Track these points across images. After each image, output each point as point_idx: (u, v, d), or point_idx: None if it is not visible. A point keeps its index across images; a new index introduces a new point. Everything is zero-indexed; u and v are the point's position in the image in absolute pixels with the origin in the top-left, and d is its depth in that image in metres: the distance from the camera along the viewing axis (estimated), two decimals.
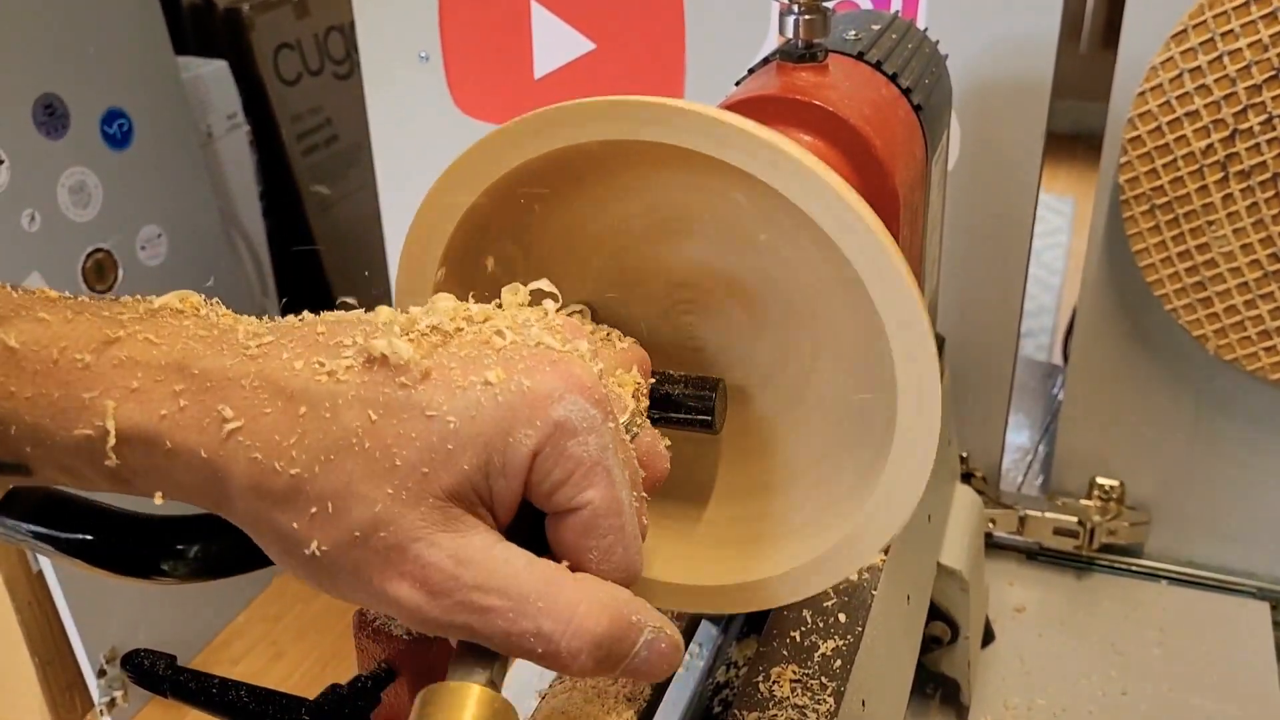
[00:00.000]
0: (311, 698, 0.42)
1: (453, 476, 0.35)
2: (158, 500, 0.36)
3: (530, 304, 0.43)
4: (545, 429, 0.35)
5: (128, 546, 0.42)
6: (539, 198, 0.50)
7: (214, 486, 0.35)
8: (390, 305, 0.44)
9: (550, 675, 0.63)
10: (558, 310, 0.43)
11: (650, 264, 0.52)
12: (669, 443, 0.47)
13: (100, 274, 1.54)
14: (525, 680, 0.75)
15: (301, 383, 0.35)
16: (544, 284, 0.44)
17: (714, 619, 0.65)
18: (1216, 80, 0.79)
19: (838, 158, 0.55)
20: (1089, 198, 0.94)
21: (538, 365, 0.36)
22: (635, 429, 0.44)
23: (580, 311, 0.48)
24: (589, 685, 0.57)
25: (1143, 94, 0.82)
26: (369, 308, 0.46)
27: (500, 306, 0.43)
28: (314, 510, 0.34)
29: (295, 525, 0.35)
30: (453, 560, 0.34)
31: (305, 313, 0.40)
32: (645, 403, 0.45)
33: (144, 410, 0.35)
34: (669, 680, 0.61)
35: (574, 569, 0.37)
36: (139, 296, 0.39)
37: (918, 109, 0.62)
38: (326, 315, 0.40)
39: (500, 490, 0.36)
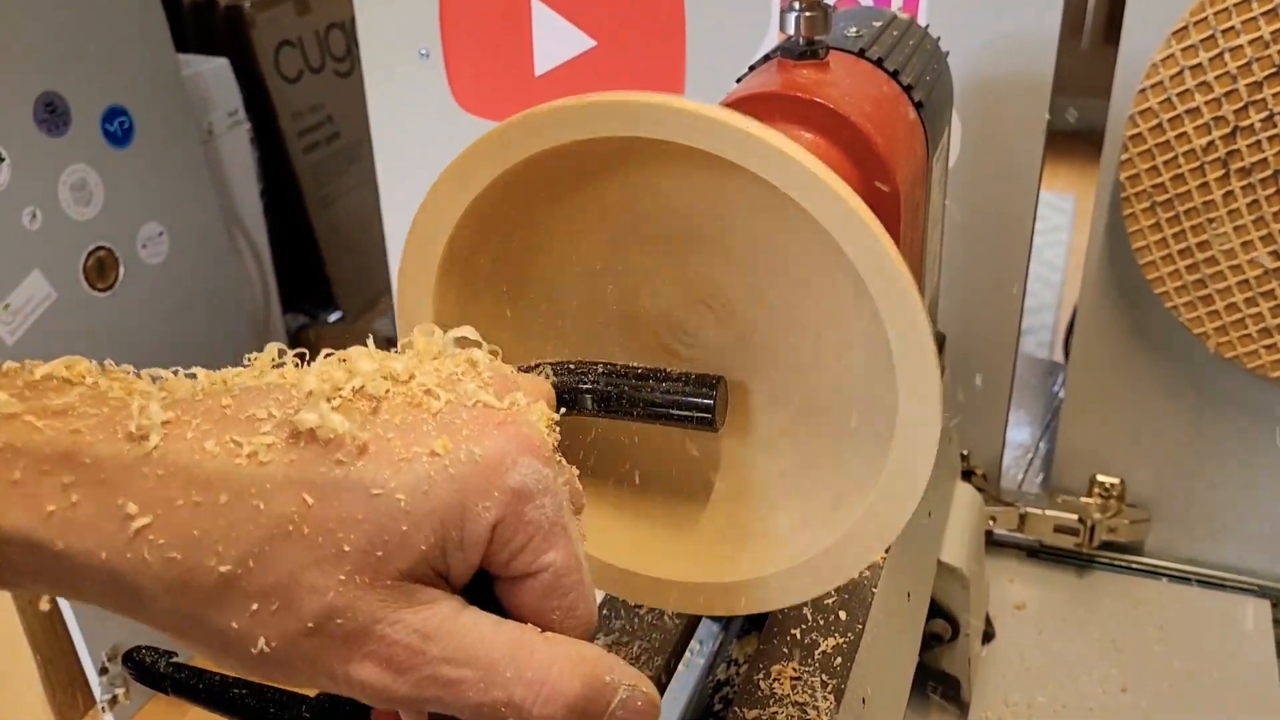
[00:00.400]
0: (311, 695, 0.42)
1: (409, 558, 0.33)
2: (44, 606, 0.34)
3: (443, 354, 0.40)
4: (504, 499, 0.34)
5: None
6: (535, 197, 0.50)
7: (120, 590, 0.32)
8: (391, 305, 0.44)
9: None
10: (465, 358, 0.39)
11: (648, 262, 0.52)
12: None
13: (101, 272, 1.54)
14: None
15: (218, 467, 0.31)
16: (468, 331, 0.41)
17: (714, 617, 0.66)
18: (1217, 77, 0.79)
19: (839, 155, 0.55)
20: (1090, 195, 0.94)
21: (483, 429, 0.34)
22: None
23: (494, 352, 0.42)
24: None
25: (1144, 91, 0.82)
26: (369, 307, 0.46)
27: (412, 346, 0.39)
28: (255, 607, 0.32)
29: (234, 624, 0.32)
30: (418, 636, 0.33)
31: (199, 372, 0.35)
32: (557, 437, 0.42)
33: (27, 508, 0.30)
34: (670, 677, 0.61)
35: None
36: (20, 363, 0.35)
37: (919, 106, 0.62)
38: (230, 379, 0.35)
39: (457, 563, 0.34)
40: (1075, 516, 0.99)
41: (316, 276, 2.09)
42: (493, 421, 0.35)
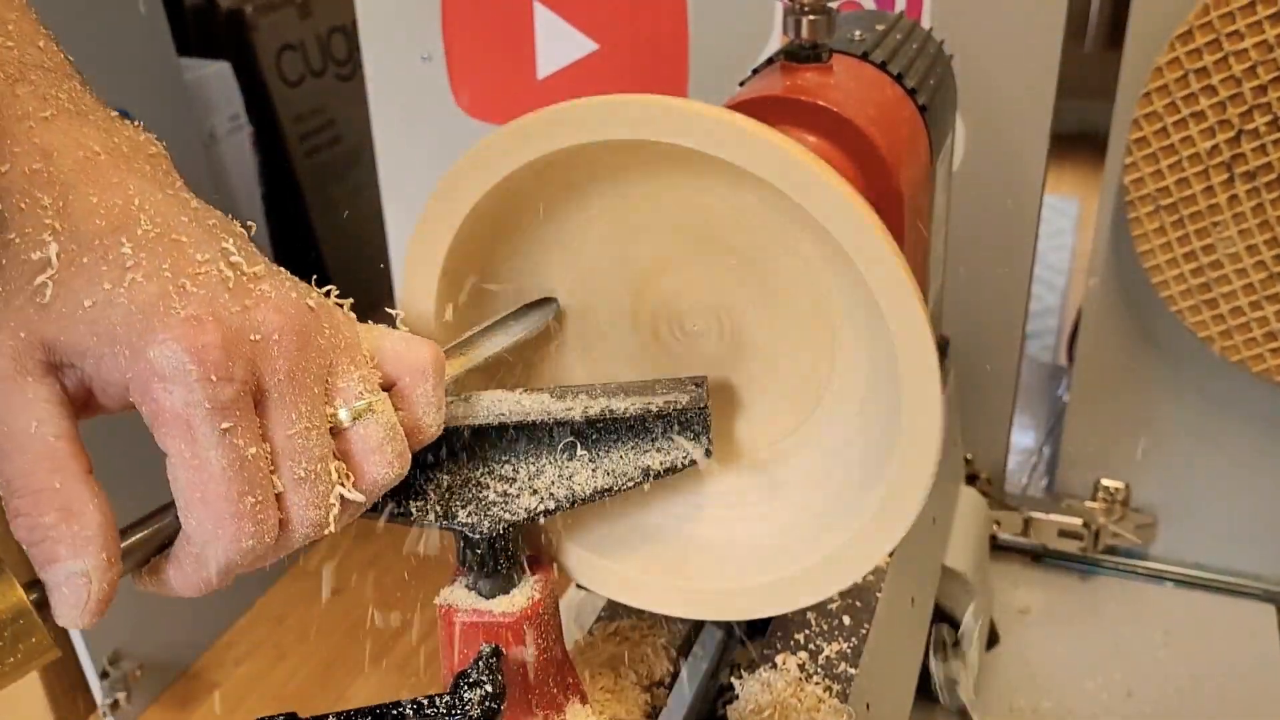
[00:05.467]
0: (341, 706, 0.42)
1: (58, 348, 0.37)
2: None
3: None
4: (137, 362, 0.37)
5: None
6: (537, 199, 0.50)
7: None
8: (394, 305, 0.44)
9: (594, 613, 0.65)
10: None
11: (650, 263, 0.52)
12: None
13: None
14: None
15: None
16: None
17: (718, 620, 0.65)
18: (1222, 81, 0.79)
19: (842, 158, 0.55)
20: (1094, 199, 0.93)
21: (175, 309, 0.37)
22: (354, 420, 0.42)
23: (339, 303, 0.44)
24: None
25: (1148, 95, 0.82)
26: (372, 310, 0.46)
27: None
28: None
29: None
30: None
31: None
32: (379, 401, 0.43)
33: None
34: (678, 673, 0.61)
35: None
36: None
37: (922, 109, 0.62)
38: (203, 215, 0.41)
39: (100, 388, 0.38)
40: (1080, 521, 0.99)
41: (318, 280, 2.09)
42: (186, 310, 0.37)
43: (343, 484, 0.41)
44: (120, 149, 0.41)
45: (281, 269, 0.42)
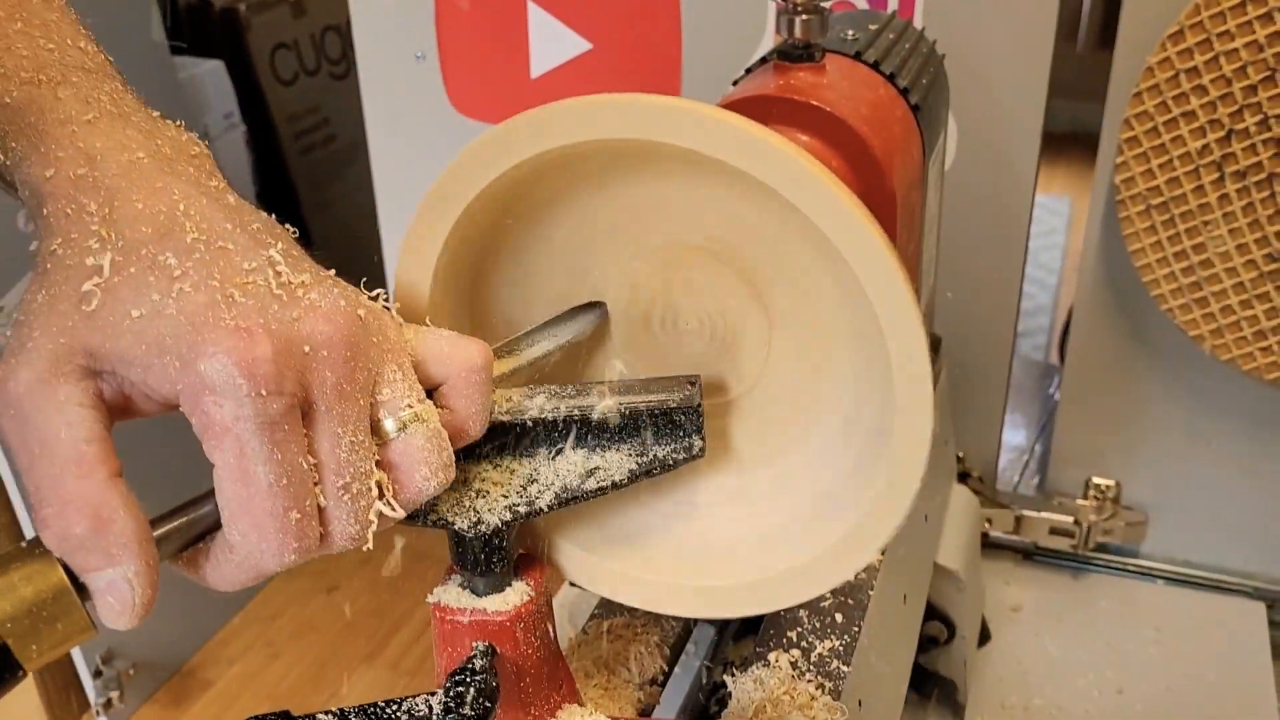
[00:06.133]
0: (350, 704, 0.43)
1: (104, 356, 0.37)
2: None
3: None
4: (187, 374, 0.36)
5: None
6: (534, 198, 0.50)
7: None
8: (390, 305, 0.44)
9: (587, 611, 0.66)
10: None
11: (645, 264, 0.52)
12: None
13: None
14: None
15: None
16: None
17: (710, 620, 0.65)
18: (1212, 81, 0.79)
19: (835, 157, 0.55)
20: (1085, 198, 0.94)
21: (224, 319, 0.37)
22: (400, 430, 0.42)
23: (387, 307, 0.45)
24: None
25: (1139, 94, 0.82)
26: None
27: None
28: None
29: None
30: (24, 386, 0.36)
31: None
32: (426, 410, 0.42)
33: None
34: (671, 670, 0.61)
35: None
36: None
37: (915, 109, 0.62)
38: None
39: (139, 393, 0.38)
40: (1071, 519, 0.99)
41: None
42: (236, 320, 0.37)
43: (383, 499, 0.41)
44: (163, 151, 0.40)
45: (328, 274, 0.41)
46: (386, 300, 0.44)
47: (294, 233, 0.42)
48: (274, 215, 0.42)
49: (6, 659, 0.36)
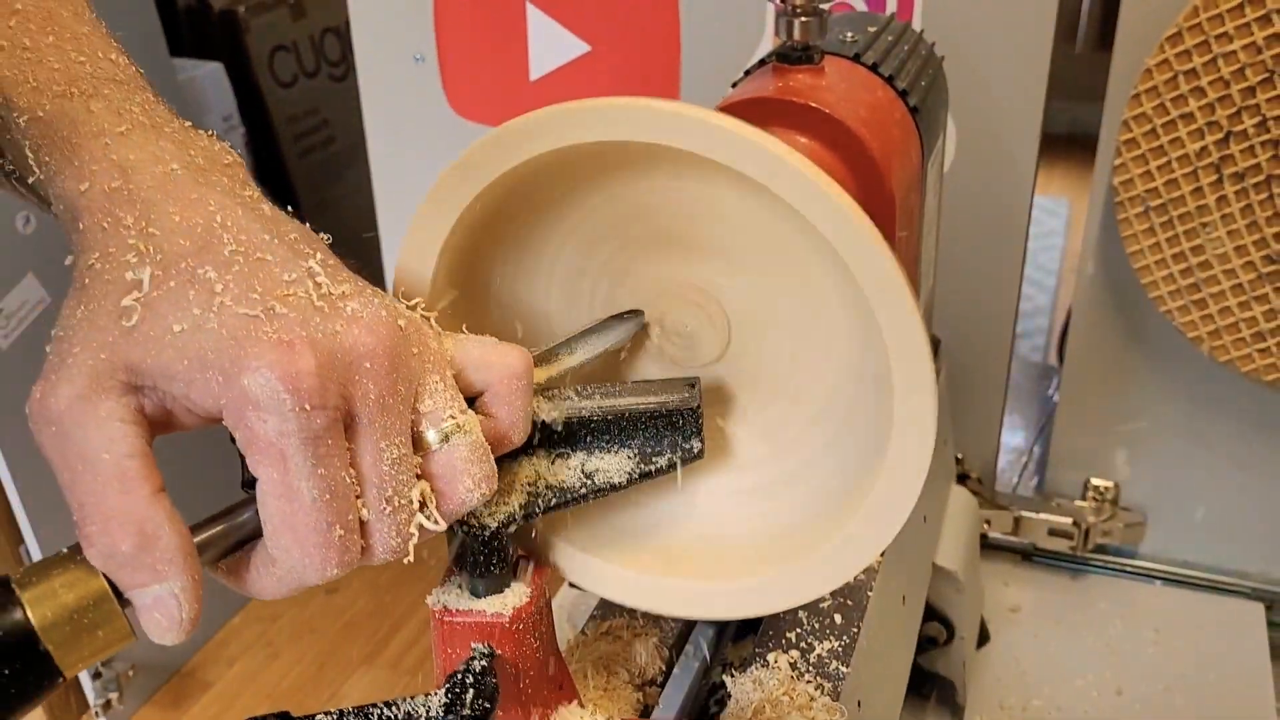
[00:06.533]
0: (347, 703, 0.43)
1: (145, 372, 0.37)
2: None
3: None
4: (231, 390, 0.36)
5: None
6: (532, 203, 0.50)
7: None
8: (427, 313, 0.44)
9: (586, 611, 0.66)
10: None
11: (643, 265, 0.52)
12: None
13: None
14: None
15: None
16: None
17: (709, 620, 0.66)
18: (1211, 82, 0.79)
19: (834, 160, 0.55)
20: (1084, 199, 0.94)
21: (264, 332, 0.37)
22: (442, 441, 0.41)
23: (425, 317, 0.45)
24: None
25: (1137, 96, 0.82)
26: None
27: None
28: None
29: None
30: (65, 402, 0.36)
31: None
32: (468, 420, 0.42)
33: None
34: (670, 671, 0.61)
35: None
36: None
37: (914, 111, 0.62)
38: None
39: (180, 408, 0.38)
40: (1070, 520, 0.99)
41: None
42: (278, 333, 0.37)
43: (425, 511, 0.41)
44: (196, 162, 0.40)
45: (367, 284, 0.41)
46: (425, 310, 0.44)
47: (328, 239, 0.42)
48: None
49: (47, 665, 0.36)
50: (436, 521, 0.41)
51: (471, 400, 0.44)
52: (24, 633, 0.36)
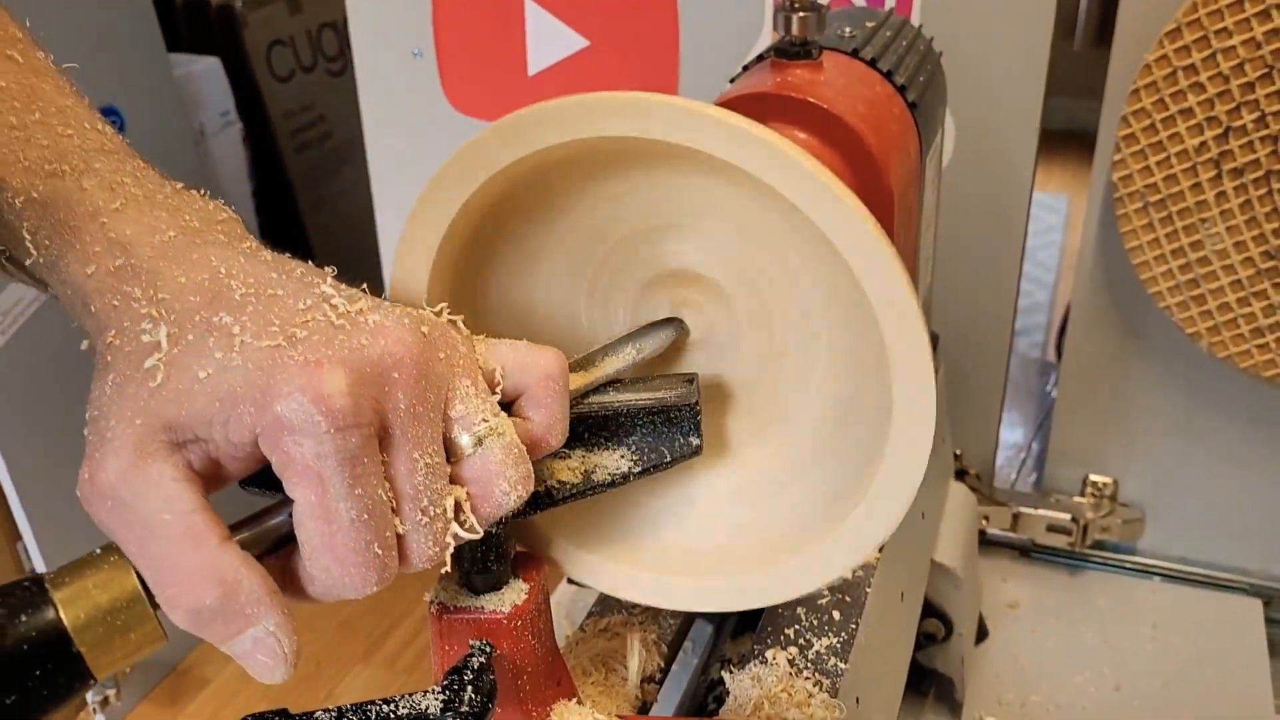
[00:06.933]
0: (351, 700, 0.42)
1: (181, 418, 0.37)
2: None
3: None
4: (264, 417, 0.36)
5: None
6: (529, 197, 0.50)
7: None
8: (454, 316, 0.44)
9: (584, 608, 0.66)
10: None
11: (642, 261, 0.52)
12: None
13: None
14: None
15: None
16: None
17: (708, 616, 0.65)
18: (1210, 78, 0.79)
19: (832, 155, 0.55)
20: (1083, 195, 0.94)
21: (290, 357, 0.37)
22: (477, 445, 0.41)
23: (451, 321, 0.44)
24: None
25: (1136, 91, 0.82)
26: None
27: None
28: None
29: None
30: (115, 475, 0.36)
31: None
32: (502, 423, 0.42)
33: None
34: (668, 668, 0.61)
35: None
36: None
37: (912, 106, 0.62)
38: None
39: (223, 443, 0.37)
40: (1068, 516, 0.99)
41: None
42: (304, 355, 0.37)
43: (460, 517, 0.40)
44: (191, 225, 0.40)
45: (384, 301, 0.41)
46: (451, 314, 0.43)
47: (333, 271, 0.42)
48: (270, 213, 0.42)
49: (79, 667, 0.36)
50: (473, 529, 0.41)
51: (509, 406, 0.43)
52: (56, 633, 0.35)
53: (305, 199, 2.07)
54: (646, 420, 0.48)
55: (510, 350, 0.44)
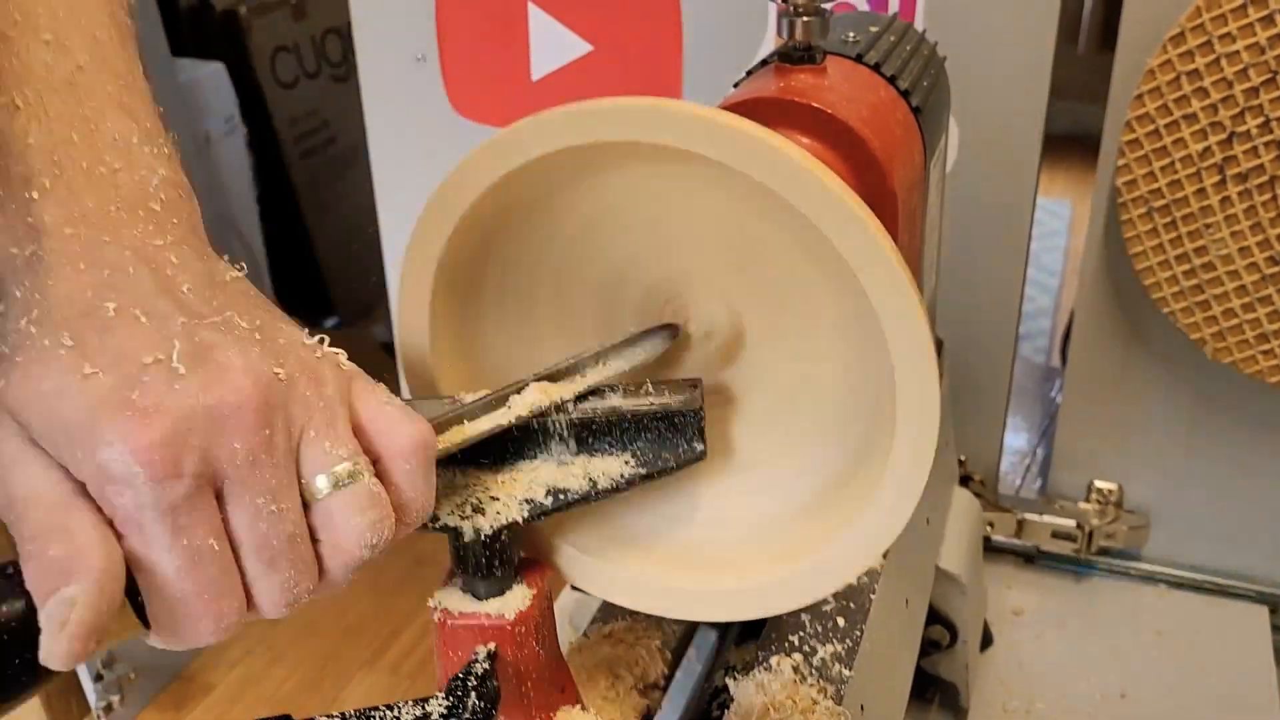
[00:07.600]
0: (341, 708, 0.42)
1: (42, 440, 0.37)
2: None
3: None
4: (89, 462, 0.36)
5: None
6: (534, 202, 0.50)
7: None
8: (388, 311, 0.44)
9: (588, 614, 0.65)
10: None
11: (642, 264, 0.52)
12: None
13: None
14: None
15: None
16: None
17: (712, 624, 0.65)
18: (1214, 83, 0.79)
19: (836, 160, 0.55)
20: (1087, 201, 0.94)
21: (141, 401, 0.36)
22: (334, 488, 0.40)
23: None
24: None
25: (1140, 97, 0.82)
26: (366, 314, 0.46)
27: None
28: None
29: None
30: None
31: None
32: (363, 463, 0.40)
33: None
34: (672, 675, 0.61)
35: None
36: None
37: (916, 111, 0.62)
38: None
39: (73, 463, 0.37)
40: (1073, 522, 0.99)
41: (313, 283, 2.09)
42: (137, 401, 0.36)
43: (310, 572, 0.39)
44: (109, 212, 0.39)
45: (271, 323, 0.40)
46: (334, 347, 0.42)
47: (242, 269, 0.41)
48: (274, 218, 0.42)
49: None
50: (328, 578, 0.40)
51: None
52: (27, 622, 0.35)
53: (309, 204, 2.07)
54: (650, 426, 0.48)
55: (378, 409, 0.42)
